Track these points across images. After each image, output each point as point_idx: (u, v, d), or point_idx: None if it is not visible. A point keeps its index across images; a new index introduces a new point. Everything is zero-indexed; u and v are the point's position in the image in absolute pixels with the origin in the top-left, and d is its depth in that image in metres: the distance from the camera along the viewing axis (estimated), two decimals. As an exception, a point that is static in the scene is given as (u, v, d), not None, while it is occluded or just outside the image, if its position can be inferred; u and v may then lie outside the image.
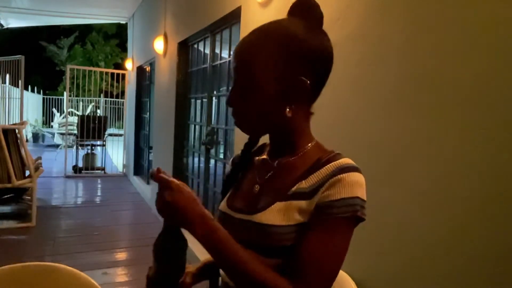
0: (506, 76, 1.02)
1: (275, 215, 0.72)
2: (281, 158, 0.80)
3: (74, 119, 9.58)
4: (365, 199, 0.70)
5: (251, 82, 0.74)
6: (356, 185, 0.69)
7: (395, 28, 1.39)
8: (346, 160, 0.72)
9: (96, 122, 7.61)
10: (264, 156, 0.86)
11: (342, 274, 1.10)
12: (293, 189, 0.73)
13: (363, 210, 0.70)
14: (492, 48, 1.06)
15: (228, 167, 0.97)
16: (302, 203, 0.71)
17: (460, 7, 1.15)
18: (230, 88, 0.80)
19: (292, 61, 0.72)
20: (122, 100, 10.78)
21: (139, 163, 6.92)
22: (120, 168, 8.04)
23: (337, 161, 0.72)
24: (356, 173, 0.70)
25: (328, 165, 0.71)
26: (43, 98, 15.52)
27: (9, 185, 4.08)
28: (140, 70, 6.78)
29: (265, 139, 0.88)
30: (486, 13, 1.08)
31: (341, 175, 0.69)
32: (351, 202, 0.68)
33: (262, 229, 0.73)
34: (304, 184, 0.72)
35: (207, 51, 3.63)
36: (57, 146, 10.52)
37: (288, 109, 0.74)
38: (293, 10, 0.78)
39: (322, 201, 0.69)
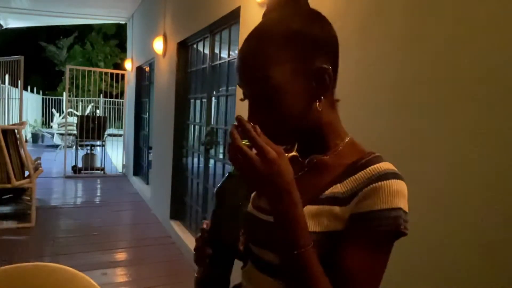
0: (509, 75, 1.02)
1: (306, 219, 0.66)
2: (312, 155, 0.74)
3: (74, 120, 9.57)
4: (407, 210, 0.64)
5: (273, 89, 0.67)
6: (398, 194, 0.63)
7: (395, 28, 1.39)
8: (386, 165, 0.66)
9: (96, 122, 7.60)
10: (294, 153, 0.79)
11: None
12: (327, 192, 0.67)
13: (406, 224, 0.63)
14: (494, 47, 1.06)
15: None
16: (336, 209, 0.65)
17: (460, 6, 1.15)
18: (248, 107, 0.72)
19: (305, 53, 0.68)
20: (121, 100, 10.78)
21: (139, 163, 6.92)
22: (119, 168, 8.03)
23: (377, 165, 0.65)
24: (398, 180, 0.64)
25: (366, 169, 0.65)
26: (43, 99, 15.51)
27: (8, 186, 4.08)
28: (139, 70, 6.77)
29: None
30: (487, 12, 1.08)
31: (382, 183, 0.63)
32: (393, 214, 0.62)
33: None
34: (340, 188, 0.66)
35: (207, 51, 3.63)
36: (56, 146, 10.51)
37: (318, 103, 0.70)
38: (275, 4, 0.73)
39: (361, 211, 0.63)
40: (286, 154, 0.79)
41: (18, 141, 4.26)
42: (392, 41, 1.39)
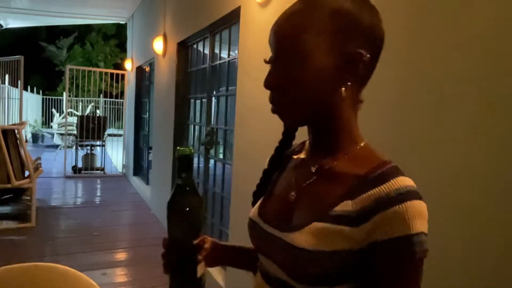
0: (510, 74, 1.02)
1: (311, 237, 0.62)
2: (322, 159, 0.69)
3: (74, 120, 9.57)
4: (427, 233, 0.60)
5: (301, 54, 0.63)
6: (422, 216, 0.59)
7: (395, 28, 1.39)
8: (403, 181, 0.59)
9: (96, 122, 7.62)
10: (303, 156, 0.75)
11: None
12: (337, 209, 0.61)
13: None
14: (494, 47, 1.06)
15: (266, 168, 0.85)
16: (345, 229, 0.60)
17: (461, 7, 1.15)
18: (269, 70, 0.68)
19: (347, 32, 0.64)
20: (121, 100, 10.78)
21: (139, 163, 6.92)
22: (119, 169, 8.04)
23: (393, 181, 0.59)
24: (418, 201, 0.59)
25: (382, 186, 0.59)
26: (43, 99, 15.52)
27: (8, 186, 4.09)
28: (139, 70, 6.78)
29: (303, 136, 0.78)
30: (487, 13, 1.08)
31: (405, 205, 0.57)
32: (421, 238, 0.59)
33: (294, 252, 0.62)
34: (351, 206, 0.60)
35: (207, 51, 3.63)
36: (56, 146, 10.51)
37: (343, 88, 0.65)
38: None
39: (387, 237, 0.57)
40: (296, 157, 0.77)
41: (18, 141, 4.26)
42: (393, 41, 1.39)
